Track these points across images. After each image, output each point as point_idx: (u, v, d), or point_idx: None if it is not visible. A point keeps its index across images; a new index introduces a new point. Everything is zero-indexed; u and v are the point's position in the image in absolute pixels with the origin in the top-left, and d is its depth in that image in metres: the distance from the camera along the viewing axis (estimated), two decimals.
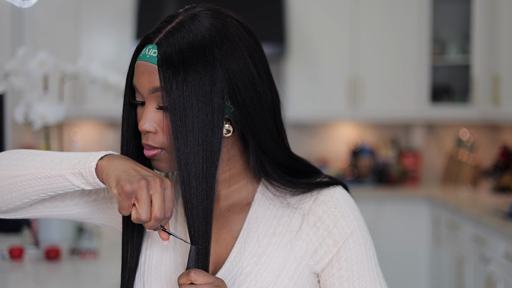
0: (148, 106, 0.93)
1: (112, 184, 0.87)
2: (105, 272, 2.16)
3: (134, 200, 0.86)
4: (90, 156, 0.91)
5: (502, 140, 4.26)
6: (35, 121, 2.13)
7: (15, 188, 0.96)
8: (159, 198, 0.86)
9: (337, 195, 1.01)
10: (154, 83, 0.91)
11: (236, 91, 0.92)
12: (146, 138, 0.94)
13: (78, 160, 0.92)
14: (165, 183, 0.88)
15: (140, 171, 0.88)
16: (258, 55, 0.96)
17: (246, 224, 1.00)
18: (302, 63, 4.25)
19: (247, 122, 0.95)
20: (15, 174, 0.95)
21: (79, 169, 0.91)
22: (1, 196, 0.97)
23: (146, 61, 0.92)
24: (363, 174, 4.42)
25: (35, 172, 0.93)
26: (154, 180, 0.87)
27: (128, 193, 0.85)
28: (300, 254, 0.98)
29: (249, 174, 1.03)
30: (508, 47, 3.60)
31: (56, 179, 0.93)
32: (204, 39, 0.91)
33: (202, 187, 0.91)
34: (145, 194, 0.86)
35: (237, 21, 0.96)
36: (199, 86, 0.90)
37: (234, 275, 0.97)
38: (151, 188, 0.86)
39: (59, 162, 0.93)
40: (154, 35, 0.93)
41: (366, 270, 0.98)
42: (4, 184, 0.96)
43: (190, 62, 0.90)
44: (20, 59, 2.04)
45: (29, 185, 0.95)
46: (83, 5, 4.17)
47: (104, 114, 4.17)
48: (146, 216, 0.85)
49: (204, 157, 0.90)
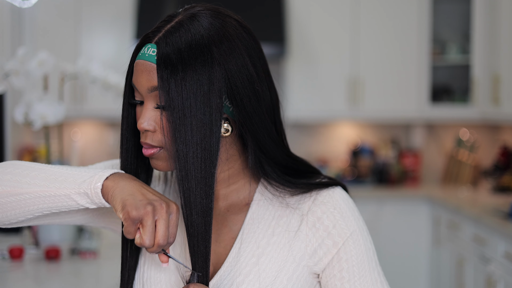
0: (146, 105, 0.93)
1: (118, 207, 0.87)
2: (105, 272, 2.16)
3: (139, 225, 0.87)
4: (95, 176, 0.91)
5: (502, 140, 4.26)
6: (35, 121, 2.13)
7: (19, 206, 0.95)
8: (164, 225, 0.87)
9: (336, 196, 1.01)
10: (152, 82, 0.91)
11: (235, 90, 0.92)
12: (144, 137, 0.94)
13: (83, 180, 0.91)
14: (170, 208, 0.88)
15: (146, 194, 0.88)
16: (257, 55, 0.96)
17: (245, 225, 1.00)
18: (302, 63, 4.25)
19: (246, 122, 0.95)
20: (19, 191, 0.94)
21: (84, 189, 0.90)
22: (4, 212, 0.96)
23: (145, 60, 0.92)
24: (363, 174, 4.42)
25: (39, 191, 0.93)
26: (161, 206, 0.87)
27: (134, 219, 0.86)
28: (299, 254, 0.98)
29: (248, 174, 1.03)
30: (508, 47, 3.60)
31: (60, 198, 0.92)
32: (203, 38, 0.91)
33: (201, 186, 0.91)
34: (150, 221, 0.86)
35: (236, 21, 0.96)
36: (197, 85, 0.90)
37: (232, 276, 0.97)
38: (156, 213, 0.87)
39: (63, 180, 0.92)
40: (153, 34, 0.93)
41: (367, 270, 0.98)
42: (7, 201, 0.95)
43: (188, 61, 0.90)
44: (20, 59, 2.04)
45: (33, 203, 0.94)
46: (83, 5, 4.17)
47: (104, 114, 4.17)
48: (149, 243, 0.86)
49: (203, 156, 0.90)
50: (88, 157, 4.47)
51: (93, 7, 4.18)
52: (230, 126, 0.95)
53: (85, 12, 4.17)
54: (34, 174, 0.95)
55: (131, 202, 0.86)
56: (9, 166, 0.98)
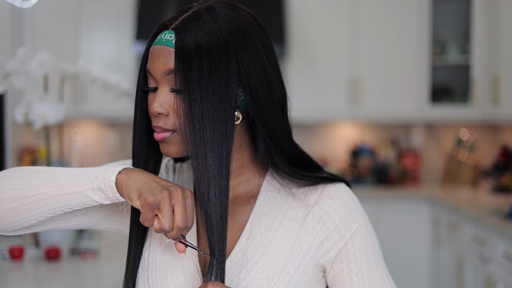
0: (161, 89, 0.95)
1: (133, 196, 0.88)
2: (105, 272, 2.16)
3: (157, 211, 0.87)
4: (107, 171, 0.91)
5: (502, 140, 4.27)
6: (35, 121, 2.13)
7: (31, 208, 0.95)
8: (181, 208, 0.87)
9: (342, 191, 1.03)
10: (169, 65, 0.93)
11: (249, 76, 0.95)
12: (157, 120, 0.96)
13: (96, 176, 0.92)
14: (186, 193, 0.89)
15: (160, 182, 0.89)
16: (269, 48, 1.00)
17: (252, 216, 1.02)
18: (302, 63, 4.25)
19: (258, 108, 0.97)
20: (30, 193, 0.94)
21: (98, 184, 0.91)
22: (16, 216, 0.96)
23: (162, 45, 0.94)
24: (363, 174, 4.42)
25: (51, 190, 0.93)
26: (176, 190, 0.88)
27: (151, 205, 0.86)
28: (306, 246, 0.99)
29: (256, 166, 1.04)
30: (508, 47, 3.60)
31: (74, 196, 0.92)
32: (219, 26, 0.94)
33: (217, 167, 0.92)
34: (168, 205, 0.87)
35: (250, 14, 1.01)
36: (214, 70, 0.92)
37: (240, 265, 0.98)
38: (173, 198, 0.87)
39: (75, 178, 0.93)
40: (170, 22, 0.96)
41: (374, 263, 1.01)
42: (18, 204, 0.95)
43: (205, 47, 0.92)
44: (20, 59, 2.04)
45: (45, 204, 0.94)
46: (83, 5, 4.17)
47: (104, 114, 4.17)
48: (169, 226, 0.86)
49: (220, 138, 0.92)
50: (88, 157, 4.47)
51: (93, 7, 4.18)
52: (240, 114, 0.97)
53: (85, 12, 4.17)
54: (44, 175, 0.95)
55: (146, 189, 0.87)
56: (16, 171, 0.98)
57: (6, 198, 0.95)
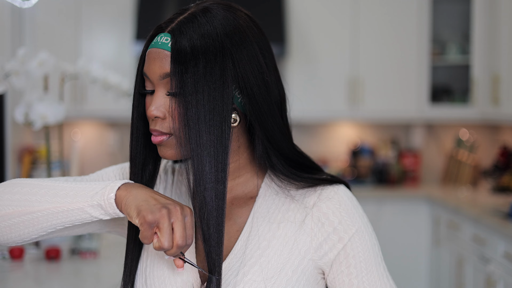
0: (157, 92, 0.95)
1: (133, 214, 0.88)
2: (105, 272, 2.16)
3: (156, 229, 0.87)
4: (107, 187, 0.91)
5: (502, 140, 4.27)
6: (35, 121, 2.13)
7: (32, 224, 0.95)
8: (181, 226, 0.87)
9: (341, 193, 1.02)
10: (165, 68, 0.93)
11: (245, 79, 0.94)
12: (154, 124, 0.96)
13: (95, 192, 0.92)
14: (185, 211, 0.89)
15: (159, 199, 0.89)
16: (266, 49, 0.99)
17: (251, 218, 1.01)
18: (302, 63, 4.25)
19: (255, 110, 0.96)
20: (31, 210, 0.94)
21: (97, 201, 0.91)
22: (17, 231, 0.97)
23: (158, 48, 0.94)
24: (363, 174, 4.42)
25: (52, 207, 0.93)
26: (175, 208, 0.88)
27: (150, 223, 0.86)
28: (304, 248, 0.99)
29: (254, 167, 1.04)
30: (508, 47, 3.60)
31: (74, 212, 0.93)
32: (215, 28, 0.94)
33: (213, 172, 0.92)
34: (167, 223, 0.86)
35: (247, 15, 1.00)
36: (209, 73, 0.92)
37: (238, 267, 0.98)
38: (172, 216, 0.87)
39: (74, 195, 0.93)
40: (166, 24, 0.96)
41: (374, 265, 1.00)
42: (19, 220, 0.95)
43: (201, 50, 0.92)
44: (20, 59, 2.04)
45: (46, 220, 0.94)
46: (83, 5, 4.17)
47: (104, 114, 4.17)
48: (168, 245, 0.86)
49: (216, 141, 0.92)
50: (88, 157, 4.48)
51: (93, 7, 4.18)
52: (238, 116, 0.97)
53: (85, 12, 4.17)
54: (43, 191, 0.95)
55: (145, 207, 0.87)
56: (15, 186, 0.98)
57: (7, 214, 0.96)
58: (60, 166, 2.68)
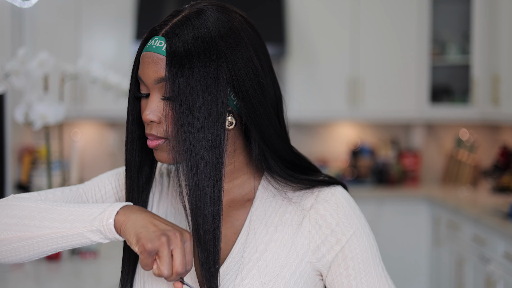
0: (152, 97, 0.95)
1: (132, 241, 0.87)
2: (105, 272, 2.16)
3: (156, 256, 0.87)
4: (105, 212, 0.90)
5: (502, 140, 4.27)
6: (35, 121, 2.13)
7: (32, 248, 0.95)
8: (180, 253, 0.86)
9: (338, 195, 1.01)
10: (159, 73, 0.93)
11: (240, 82, 0.94)
12: (149, 128, 0.95)
13: (94, 217, 0.91)
14: (184, 237, 0.88)
15: (158, 225, 0.88)
16: (262, 50, 0.98)
17: (248, 221, 1.01)
18: (302, 63, 4.25)
19: (251, 114, 0.96)
20: (30, 235, 0.94)
21: (97, 227, 0.90)
22: (18, 255, 0.97)
23: (152, 52, 0.94)
24: (363, 174, 4.42)
25: (51, 233, 0.93)
26: (175, 235, 0.87)
27: (150, 252, 0.86)
28: (302, 251, 0.98)
29: (251, 169, 1.04)
30: (508, 47, 3.60)
31: (73, 237, 0.92)
32: (210, 31, 0.93)
33: (209, 176, 0.91)
34: (166, 251, 0.86)
35: (242, 16, 0.98)
36: (204, 77, 0.91)
37: (236, 270, 0.98)
38: (171, 243, 0.86)
39: (73, 220, 0.92)
40: (160, 27, 0.95)
41: (372, 266, 1.00)
42: (19, 245, 0.95)
43: (195, 53, 0.91)
44: (20, 59, 2.04)
45: (46, 245, 0.94)
46: (83, 5, 4.17)
47: (104, 114, 4.17)
48: (168, 273, 0.86)
49: (210, 146, 0.91)
50: (88, 157, 4.48)
51: (93, 7, 4.18)
52: (234, 119, 0.96)
53: (85, 12, 4.17)
54: (41, 216, 0.94)
55: (145, 235, 0.86)
56: (13, 208, 0.97)
57: (6, 239, 0.95)
58: (60, 166, 2.68)
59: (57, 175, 3.20)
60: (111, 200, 1.09)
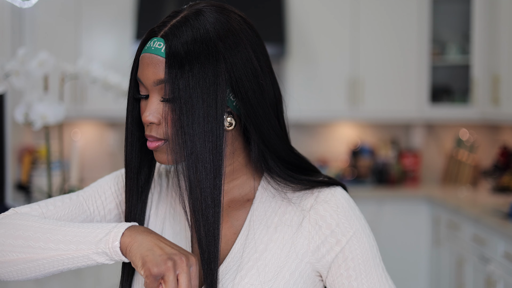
0: (152, 98, 0.95)
1: (138, 264, 0.87)
2: (105, 272, 2.16)
3: (161, 280, 0.86)
4: (111, 234, 0.90)
5: (502, 140, 4.27)
6: (35, 121, 2.13)
7: (38, 270, 0.95)
8: (186, 278, 0.86)
9: (338, 195, 1.01)
10: (158, 75, 0.93)
11: (239, 83, 0.94)
12: (149, 129, 0.95)
13: (99, 238, 0.90)
14: (190, 261, 0.88)
15: (164, 248, 0.88)
16: (261, 51, 0.98)
17: (248, 221, 1.01)
18: (302, 63, 4.25)
19: (250, 114, 0.96)
20: (35, 257, 0.93)
21: (102, 249, 0.90)
22: (24, 275, 0.96)
23: (151, 53, 0.94)
24: (363, 174, 4.42)
25: (56, 255, 0.92)
26: (181, 259, 0.87)
27: (155, 276, 0.85)
28: (302, 251, 0.99)
29: (250, 169, 1.04)
30: (508, 47, 3.61)
31: (79, 259, 0.92)
32: (208, 32, 0.93)
33: (209, 177, 0.92)
34: (172, 276, 0.85)
35: (240, 16, 0.98)
36: (203, 78, 0.91)
37: (235, 270, 0.98)
38: (177, 268, 0.86)
39: (78, 242, 0.91)
40: (159, 28, 0.95)
41: (372, 266, 1.00)
42: (25, 267, 0.95)
43: (194, 55, 0.91)
44: (20, 59, 2.04)
45: (51, 266, 0.94)
46: (83, 5, 4.17)
47: (104, 114, 4.17)
48: None
49: (210, 147, 0.91)
50: (88, 157, 4.48)
51: (93, 7, 4.18)
52: (233, 120, 0.96)
53: (85, 12, 4.17)
54: (45, 237, 0.93)
55: (151, 258, 0.86)
56: (17, 228, 0.96)
57: (12, 260, 0.95)
58: (60, 166, 2.68)
59: (57, 175, 3.21)
60: (111, 205, 1.09)
